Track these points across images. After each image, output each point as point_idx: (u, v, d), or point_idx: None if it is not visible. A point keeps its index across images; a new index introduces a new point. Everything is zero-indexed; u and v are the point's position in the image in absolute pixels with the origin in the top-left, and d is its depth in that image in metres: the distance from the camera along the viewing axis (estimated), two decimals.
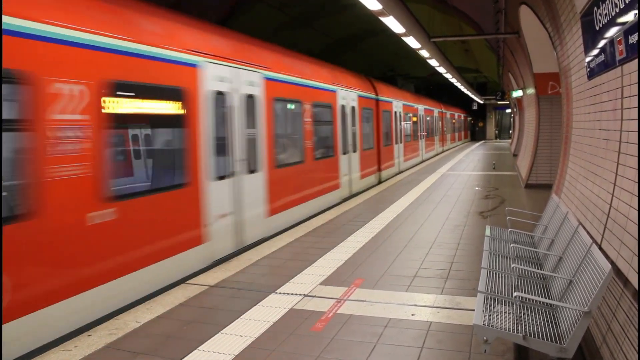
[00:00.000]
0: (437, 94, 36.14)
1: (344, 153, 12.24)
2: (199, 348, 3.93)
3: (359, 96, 13.61)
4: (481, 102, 41.84)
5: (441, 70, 18.12)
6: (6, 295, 3.88)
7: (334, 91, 11.63)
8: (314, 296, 5.05)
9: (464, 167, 19.30)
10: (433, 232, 7.83)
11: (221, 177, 6.75)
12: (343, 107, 12.22)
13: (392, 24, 9.19)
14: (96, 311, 4.76)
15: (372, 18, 9.18)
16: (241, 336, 4.14)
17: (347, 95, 12.55)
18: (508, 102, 34.38)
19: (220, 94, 6.78)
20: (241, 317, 4.54)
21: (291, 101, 9.45)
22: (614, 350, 3.06)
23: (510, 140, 37.44)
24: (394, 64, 28.40)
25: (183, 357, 3.79)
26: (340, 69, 13.00)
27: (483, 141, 45.40)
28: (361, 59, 25.48)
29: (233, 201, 7.04)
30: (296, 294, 5.11)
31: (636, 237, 3.15)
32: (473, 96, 34.24)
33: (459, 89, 29.53)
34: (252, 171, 7.61)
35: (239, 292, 5.26)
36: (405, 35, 10.34)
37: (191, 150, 6.15)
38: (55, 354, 3.87)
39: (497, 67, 25.23)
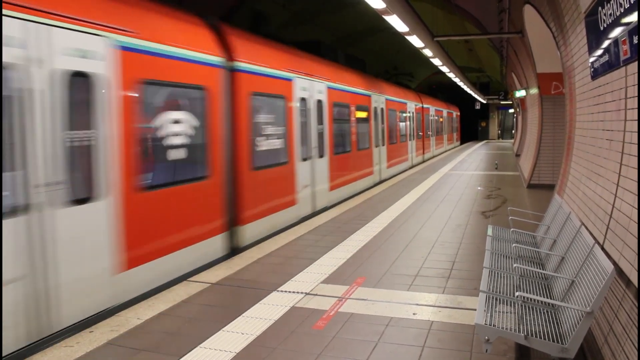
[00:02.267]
0: (440, 93, 36.00)
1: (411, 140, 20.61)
2: (200, 345, 3.95)
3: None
4: (484, 101, 41.70)
5: (444, 69, 18.09)
6: None
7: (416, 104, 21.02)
8: (316, 294, 5.06)
9: (466, 166, 19.28)
10: (435, 231, 7.83)
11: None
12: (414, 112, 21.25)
13: (396, 22, 9.18)
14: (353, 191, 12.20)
15: (375, 16, 9.16)
16: (243, 334, 4.15)
17: (412, 105, 20.93)
18: (511, 102, 34.29)
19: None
20: (243, 314, 4.55)
21: (396, 110, 17.54)
22: (616, 351, 3.06)
23: (512, 140, 37.35)
24: (397, 62, 28.37)
25: (185, 354, 3.80)
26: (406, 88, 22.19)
27: (486, 141, 45.35)
28: (364, 57, 25.44)
29: (379, 159, 14.81)
30: (298, 292, 5.12)
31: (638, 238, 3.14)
32: (476, 95, 34.11)
33: (461, 88, 29.37)
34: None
35: (240, 289, 5.28)
36: (408, 34, 10.32)
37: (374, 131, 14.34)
38: (57, 350, 3.88)
39: (500, 67, 25.21)
